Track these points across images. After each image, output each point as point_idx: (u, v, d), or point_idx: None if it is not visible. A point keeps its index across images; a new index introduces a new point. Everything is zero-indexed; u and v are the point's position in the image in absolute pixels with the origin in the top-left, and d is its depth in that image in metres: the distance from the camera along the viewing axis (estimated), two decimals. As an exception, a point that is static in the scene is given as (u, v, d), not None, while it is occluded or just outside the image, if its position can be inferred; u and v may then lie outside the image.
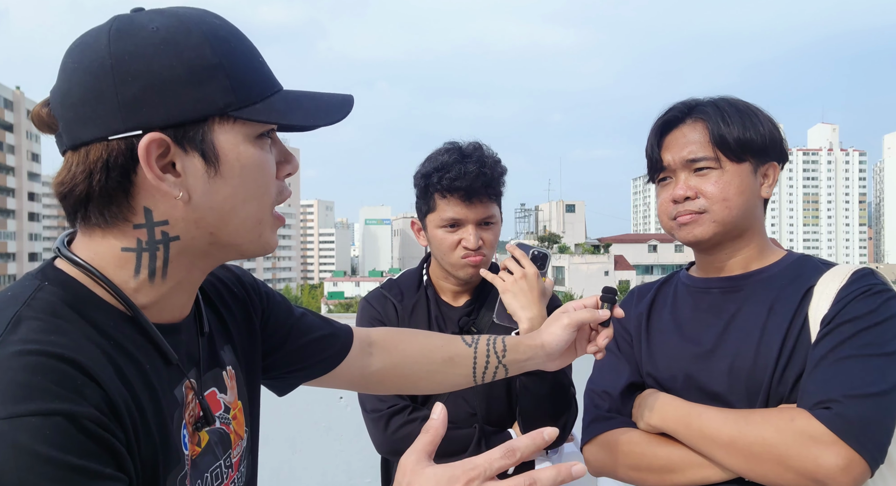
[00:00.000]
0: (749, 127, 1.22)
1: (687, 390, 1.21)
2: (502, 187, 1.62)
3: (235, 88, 0.73)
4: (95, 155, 0.70)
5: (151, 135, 0.69)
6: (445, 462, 1.72)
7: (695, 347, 1.23)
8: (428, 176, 1.59)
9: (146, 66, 0.69)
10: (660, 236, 74.96)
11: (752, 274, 1.25)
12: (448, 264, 1.62)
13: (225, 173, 0.74)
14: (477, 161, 1.55)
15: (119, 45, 0.69)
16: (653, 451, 1.18)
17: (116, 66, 0.69)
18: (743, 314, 1.21)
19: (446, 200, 1.57)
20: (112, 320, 0.72)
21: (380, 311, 1.66)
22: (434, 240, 1.62)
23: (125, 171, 0.70)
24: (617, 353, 1.35)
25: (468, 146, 1.61)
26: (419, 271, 1.74)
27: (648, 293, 1.39)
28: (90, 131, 0.70)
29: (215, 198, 0.74)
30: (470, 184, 1.53)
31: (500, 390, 1.61)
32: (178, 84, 0.70)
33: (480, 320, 1.65)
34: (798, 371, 1.12)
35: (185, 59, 0.70)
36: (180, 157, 0.72)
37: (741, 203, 1.21)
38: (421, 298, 1.68)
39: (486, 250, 1.59)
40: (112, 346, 0.69)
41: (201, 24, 0.73)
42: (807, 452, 1.01)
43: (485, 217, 1.58)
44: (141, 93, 0.69)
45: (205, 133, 0.72)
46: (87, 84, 0.69)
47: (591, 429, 1.29)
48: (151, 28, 0.70)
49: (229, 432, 0.88)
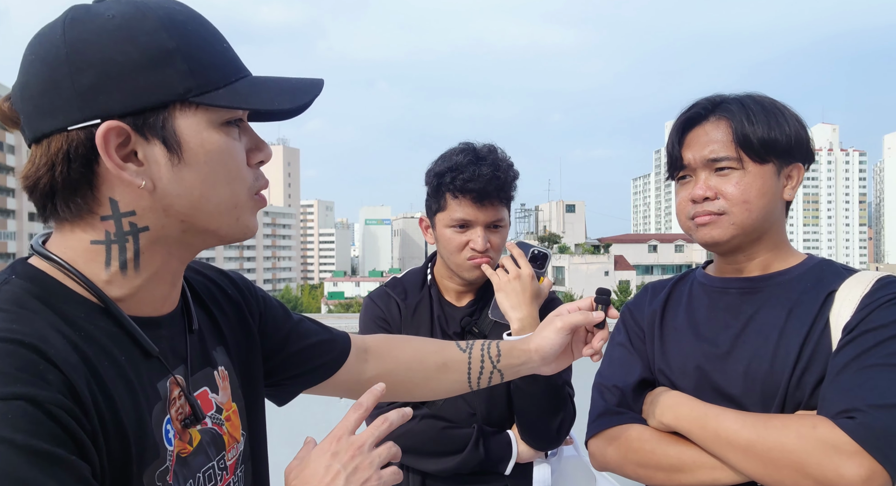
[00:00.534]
0: (774, 127, 1.18)
1: (700, 390, 1.19)
2: (513, 192, 1.63)
3: (195, 72, 0.71)
4: (56, 146, 0.69)
5: (109, 123, 0.68)
6: (443, 461, 1.73)
7: (710, 347, 1.21)
8: (441, 175, 1.59)
9: (101, 53, 0.68)
10: (660, 236, 74.99)
11: (771, 276, 1.22)
12: (454, 265, 1.62)
13: (189, 160, 0.72)
14: (491, 164, 1.56)
15: (73, 34, 0.69)
16: (663, 449, 1.15)
17: (71, 54, 0.68)
18: (761, 317, 1.18)
19: (458, 201, 1.57)
20: (83, 311, 0.71)
21: (383, 309, 1.67)
22: (442, 239, 1.62)
23: (87, 161, 0.70)
24: (629, 348, 1.33)
25: (483, 148, 1.61)
26: (423, 271, 1.74)
27: (663, 290, 1.36)
28: (49, 122, 0.69)
29: (182, 185, 0.73)
30: (483, 186, 1.53)
31: (500, 392, 1.61)
32: (134, 70, 0.69)
33: (483, 321, 1.65)
34: (817, 377, 1.09)
35: (141, 45, 0.69)
36: (141, 145, 0.71)
37: (762, 206, 1.18)
38: (424, 297, 1.68)
39: (493, 253, 1.60)
40: (81, 337, 0.68)
41: (158, 10, 0.72)
42: (828, 461, 0.98)
43: (494, 220, 1.58)
44: (97, 81, 0.68)
45: (165, 120, 0.71)
46: (43, 75, 0.69)
47: (599, 423, 1.26)
48: (107, 16, 0.70)
49: (222, 433, 0.86)
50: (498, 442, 1.58)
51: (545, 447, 1.61)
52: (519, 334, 1.47)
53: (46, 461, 0.59)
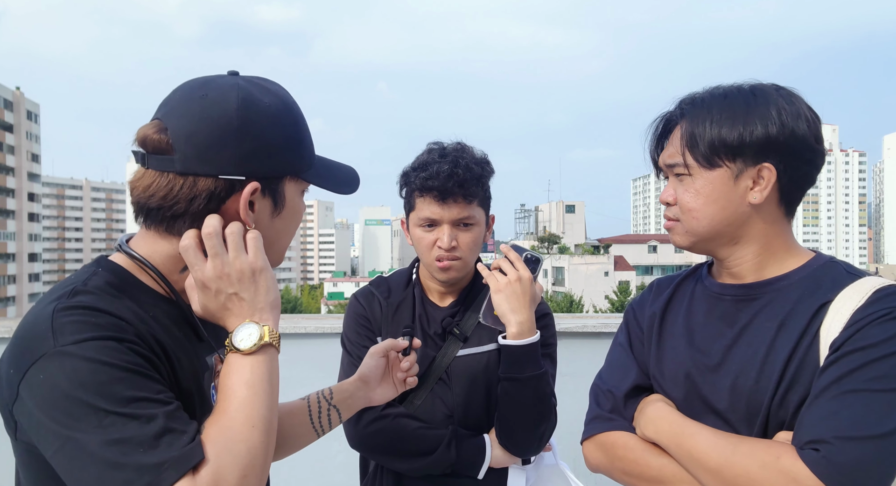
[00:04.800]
0: (731, 127, 1.10)
1: (689, 401, 1.17)
2: (482, 188, 1.60)
3: (304, 156, 1.00)
4: (203, 186, 0.91)
5: (254, 183, 0.93)
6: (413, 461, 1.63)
7: (702, 357, 1.17)
8: (407, 174, 1.61)
9: (261, 132, 0.93)
10: (659, 237, 74.87)
11: (769, 283, 1.15)
12: (425, 264, 1.63)
13: (284, 216, 1.00)
14: (452, 161, 1.54)
15: (244, 112, 0.92)
16: (647, 460, 1.15)
17: (241, 127, 0.91)
18: (753, 328, 1.13)
19: (423, 199, 1.58)
20: (152, 299, 0.94)
21: (365, 307, 1.67)
22: (414, 239, 1.63)
23: (220, 201, 0.93)
24: (628, 351, 1.31)
25: (449, 146, 1.61)
26: (409, 270, 1.74)
27: (667, 290, 1.32)
28: (206, 168, 0.91)
29: (270, 231, 0.99)
30: (442, 184, 1.52)
31: (478, 395, 1.60)
32: (277, 149, 0.95)
33: (465, 323, 1.64)
34: (801, 396, 1.04)
35: (285, 133, 0.96)
36: (259, 199, 0.95)
37: (712, 213, 1.13)
38: (408, 296, 1.68)
39: (462, 252, 1.58)
40: (149, 317, 0.90)
41: (294, 107, 1.00)
42: None
43: (461, 218, 1.56)
44: (253, 150, 0.93)
45: (280, 185, 0.98)
46: (213, 134, 0.91)
47: (591, 427, 1.27)
48: (266, 103, 0.95)
49: None
50: (471, 446, 1.56)
51: (525, 454, 1.59)
52: (517, 337, 1.45)
53: (142, 377, 0.81)
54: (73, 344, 0.79)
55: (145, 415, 0.77)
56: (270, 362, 0.90)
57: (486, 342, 1.63)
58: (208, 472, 0.77)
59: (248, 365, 0.87)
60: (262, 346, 0.88)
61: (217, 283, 0.90)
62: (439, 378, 1.61)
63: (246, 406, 0.84)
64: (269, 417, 0.86)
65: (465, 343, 1.63)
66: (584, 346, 2.86)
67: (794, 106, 1.11)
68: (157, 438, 0.76)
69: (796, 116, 1.10)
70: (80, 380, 0.77)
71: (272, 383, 0.89)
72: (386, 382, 1.27)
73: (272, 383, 0.89)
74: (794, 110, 1.11)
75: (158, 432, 0.76)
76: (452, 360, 1.61)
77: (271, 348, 0.90)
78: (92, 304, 0.84)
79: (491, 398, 1.60)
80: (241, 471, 0.80)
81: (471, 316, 1.64)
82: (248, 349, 0.87)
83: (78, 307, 0.83)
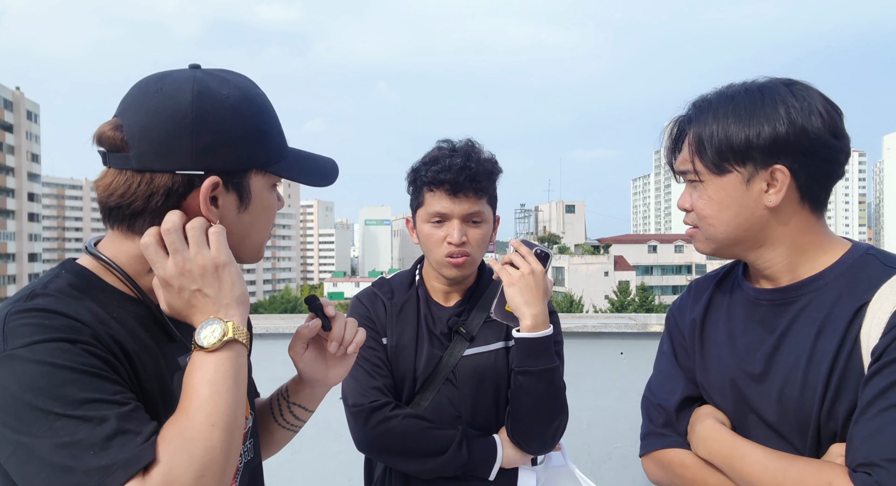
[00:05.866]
0: (737, 131, 1.07)
1: (739, 412, 1.15)
2: (492, 185, 1.60)
3: (271, 149, 0.97)
4: (160, 182, 0.90)
5: (213, 177, 0.91)
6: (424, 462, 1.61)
7: (747, 366, 1.14)
8: (417, 170, 1.60)
9: (218, 124, 0.91)
10: (659, 237, 74.91)
11: (804, 284, 1.10)
12: (434, 261, 1.61)
13: (251, 211, 0.97)
14: (463, 155, 1.54)
15: (199, 105, 0.90)
16: (703, 479, 1.14)
17: (196, 120, 0.89)
18: (793, 334, 1.09)
19: (433, 194, 1.57)
20: (117, 300, 0.91)
21: (369, 308, 1.65)
22: (422, 235, 1.62)
23: (179, 198, 0.91)
24: (673, 361, 1.28)
25: (459, 142, 1.61)
26: (412, 271, 1.73)
27: (705, 293, 1.28)
28: (161, 163, 0.89)
29: (239, 226, 0.96)
30: (454, 177, 1.52)
31: (486, 395, 1.59)
32: (238, 142, 0.92)
33: (471, 322, 1.63)
34: (848, 406, 1.00)
35: (246, 125, 0.93)
36: (222, 194, 0.93)
37: (728, 219, 1.11)
38: (411, 297, 1.66)
39: (471, 249, 1.57)
40: (112, 318, 0.88)
41: (256, 98, 0.96)
42: None
43: (471, 213, 1.56)
44: (211, 144, 0.90)
45: (245, 179, 0.95)
46: (167, 128, 0.89)
47: (646, 444, 1.26)
48: (223, 94, 0.92)
49: None
50: (482, 446, 1.54)
51: (538, 451, 1.58)
52: (531, 330, 1.44)
53: (97, 378, 0.79)
54: (22, 347, 0.78)
55: (97, 417, 0.75)
56: (236, 359, 0.87)
57: (492, 341, 1.62)
58: (159, 473, 0.75)
59: (212, 363, 0.84)
60: (226, 342, 0.86)
61: (179, 280, 0.88)
62: (446, 379, 1.59)
63: (207, 405, 0.81)
64: (233, 415, 0.83)
65: (471, 343, 1.61)
66: (584, 346, 2.86)
67: (806, 101, 1.06)
68: (108, 439, 0.74)
69: (808, 112, 1.05)
70: (30, 384, 0.76)
71: (237, 380, 0.86)
72: (332, 362, 1.16)
73: (238, 381, 0.86)
74: (805, 106, 1.05)
75: (110, 433, 0.75)
76: (459, 360, 1.60)
77: (237, 345, 0.87)
78: (46, 306, 0.83)
79: (499, 398, 1.59)
80: (197, 471, 0.77)
81: (476, 315, 1.63)
82: (212, 346, 0.85)
83: (31, 310, 0.82)
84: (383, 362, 1.59)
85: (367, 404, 1.53)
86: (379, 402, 1.54)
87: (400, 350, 1.61)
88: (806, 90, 1.08)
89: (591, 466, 2.81)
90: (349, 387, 1.57)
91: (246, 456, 1.07)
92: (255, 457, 1.11)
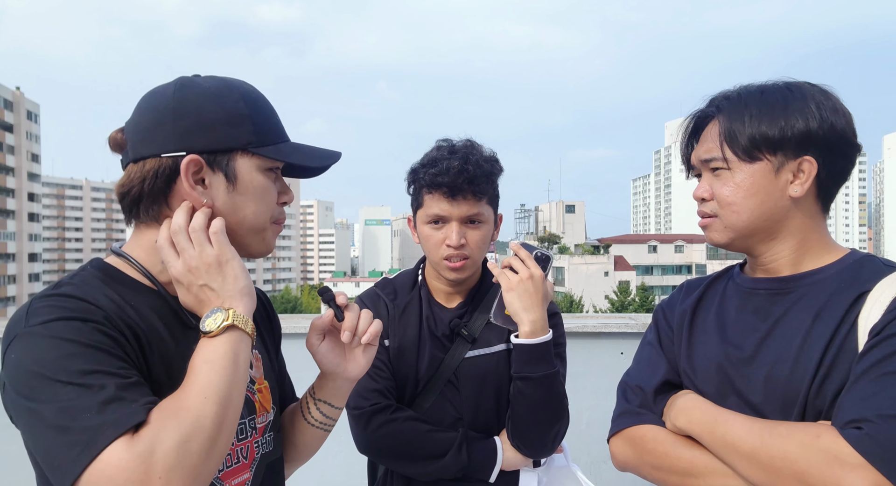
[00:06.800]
0: (771, 120, 1.10)
1: (722, 395, 1.16)
2: (491, 186, 1.58)
3: (257, 132, 1.02)
4: (150, 166, 0.98)
5: (192, 156, 0.98)
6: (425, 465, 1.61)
7: (735, 350, 1.16)
8: (416, 171, 1.59)
9: (197, 109, 0.99)
10: (659, 237, 74.88)
11: (803, 276, 1.14)
12: (434, 263, 1.61)
13: (241, 190, 1.02)
14: (462, 157, 1.53)
15: (180, 94, 0.99)
16: (677, 453, 1.13)
17: (177, 107, 0.98)
18: (788, 320, 1.12)
19: (432, 196, 1.56)
20: (135, 291, 0.99)
21: (372, 309, 1.62)
22: (422, 237, 1.61)
23: (169, 179, 0.99)
24: (657, 348, 1.30)
25: (459, 143, 1.59)
26: (415, 272, 1.72)
27: (697, 289, 1.31)
28: (150, 149, 0.98)
29: (232, 206, 1.02)
30: (452, 180, 1.51)
31: (487, 397, 1.58)
32: (216, 124, 0.99)
33: (473, 323, 1.62)
34: (838, 385, 1.02)
35: (226, 108, 1.00)
36: (209, 174, 1.00)
37: (752, 207, 1.13)
38: (414, 298, 1.66)
39: (471, 251, 1.56)
40: (129, 305, 0.95)
41: (240, 87, 1.04)
42: (830, 472, 0.93)
43: (470, 215, 1.55)
44: (191, 127, 0.98)
45: (230, 160, 1.01)
46: (153, 118, 0.99)
47: (618, 422, 1.26)
48: (206, 86, 1.01)
49: (254, 400, 1.10)
50: (483, 448, 1.54)
51: (538, 455, 1.57)
52: (529, 336, 1.43)
53: (105, 354, 0.85)
54: (38, 324, 0.85)
55: (97, 384, 0.81)
56: (236, 343, 0.92)
57: (494, 343, 1.61)
58: (147, 434, 0.79)
59: (211, 345, 0.90)
60: (226, 327, 0.91)
61: (188, 277, 0.96)
62: (448, 381, 1.59)
63: (202, 380, 0.86)
64: (227, 391, 0.86)
65: (473, 344, 1.61)
66: (584, 346, 2.86)
67: (831, 101, 1.12)
68: (104, 404, 0.79)
69: (834, 110, 1.11)
70: (40, 356, 0.82)
71: (236, 361, 0.90)
72: (349, 354, 1.19)
73: (236, 362, 0.90)
74: (831, 105, 1.11)
75: (107, 399, 0.80)
76: (461, 361, 1.59)
77: (237, 330, 0.93)
78: (67, 292, 0.91)
79: (501, 400, 1.58)
80: (183, 437, 0.80)
81: (479, 317, 1.62)
82: (213, 332, 0.91)
83: (54, 296, 0.90)
84: (385, 365, 1.59)
85: (369, 407, 1.53)
86: (380, 405, 1.54)
87: (402, 352, 1.60)
88: (827, 91, 1.13)
89: (591, 466, 2.81)
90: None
91: (265, 448, 1.12)
92: (274, 450, 1.15)
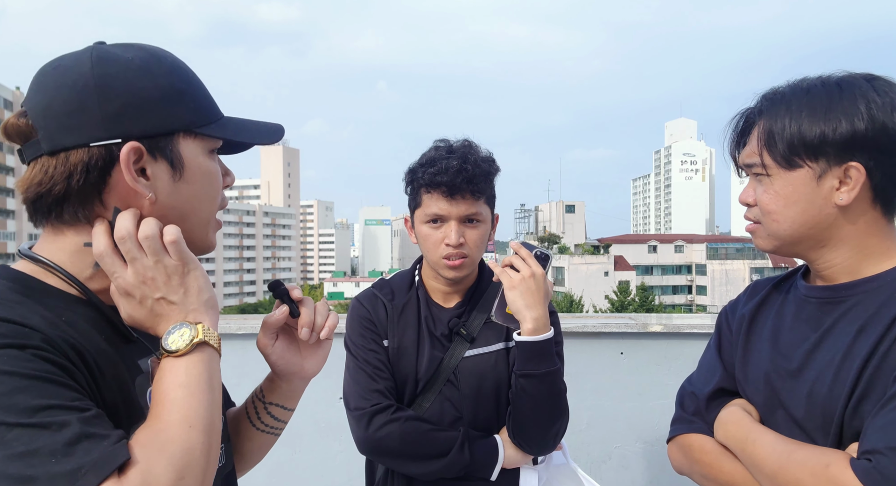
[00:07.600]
0: (811, 124, 1.03)
1: (769, 407, 1.14)
2: (489, 185, 1.59)
3: (197, 109, 0.88)
4: (76, 158, 0.81)
5: (131, 143, 0.81)
6: (427, 464, 1.61)
7: (784, 361, 1.12)
8: (414, 171, 1.60)
9: (126, 87, 0.82)
10: (659, 237, 74.92)
11: (856, 284, 1.07)
12: (432, 262, 1.61)
13: (188, 179, 0.87)
14: (460, 157, 1.54)
15: (101, 69, 0.81)
16: (720, 465, 1.14)
17: (100, 85, 0.81)
18: (835, 331, 1.06)
19: (430, 195, 1.56)
20: (63, 303, 0.82)
21: (370, 310, 1.65)
22: (420, 236, 1.62)
23: (103, 173, 0.82)
24: (716, 354, 1.28)
25: (457, 143, 1.60)
26: (412, 272, 1.72)
27: (761, 291, 1.26)
28: (72, 138, 0.80)
29: (178, 198, 0.87)
30: (451, 179, 1.51)
31: (487, 396, 1.59)
32: (152, 103, 0.83)
33: (471, 323, 1.62)
34: (877, 405, 0.97)
35: (159, 84, 0.84)
36: (150, 163, 0.84)
37: (794, 216, 1.07)
38: (412, 298, 1.66)
39: (469, 250, 1.57)
40: (62, 321, 0.78)
41: (167, 57, 0.88)
42: None
43: (468, 214, 1.55)
44: (122, 109, 0.81)
45: (172, 145, 0.85)
46: (70, 99, 0.81)
47: (672, 429, 1.26)
48: (127, 57, 0.84)
49: None
50: (484, 446, 1.55)
51: (539, 452, 1.58)
52: (532, 334, 1.44)
53: (50, 383, 0.70)
54: None
55: (56, 422, 0.67)
56: (208, 363, 0.80)
57: (493, 342, 1.62)
58: (137, 473, 0.68)
59: (183, 367, 0.78)
60: (196, 344, 0.79)
61: (141, 289, 0.81)
62: (447, 380, 1.60)
63: (182, 407, 0.75)
64: (210, 418, 0.77)
65: (472, 344, 1.61)
66: (584, 346, 2.86)
67: (888, 97, 1.02)
68: (71, 445, 0.67)
69: (890, 108, 1.01)
70: None
71: (211, 384, 0.79)
72: (306, 351, 1.08)
73: (211, 385, 0.79)
74: (887, 102, 1.01)
75: (73, 438, 0.67)
76: (460, 361, 1.60)
77: (208, 348, 0.81)
78: None
79: (500, 399, 1.59)
80: (177, 472, 0.70)
81: (477, 316, 1.63)
82: (182, 350, 0.79)
83: None
84: (385, 365, 1.59)
85: (369, 407, 1.53)
86: (381, 405, 1.54)
87: (401, 352, 1.61)
88: (889, 86, 1.03)
89: (591, 466, 2.81)
90: (351, 390, 1.58)
91: (218, 462, 0.96)
92: (227, 463, 1.02)
